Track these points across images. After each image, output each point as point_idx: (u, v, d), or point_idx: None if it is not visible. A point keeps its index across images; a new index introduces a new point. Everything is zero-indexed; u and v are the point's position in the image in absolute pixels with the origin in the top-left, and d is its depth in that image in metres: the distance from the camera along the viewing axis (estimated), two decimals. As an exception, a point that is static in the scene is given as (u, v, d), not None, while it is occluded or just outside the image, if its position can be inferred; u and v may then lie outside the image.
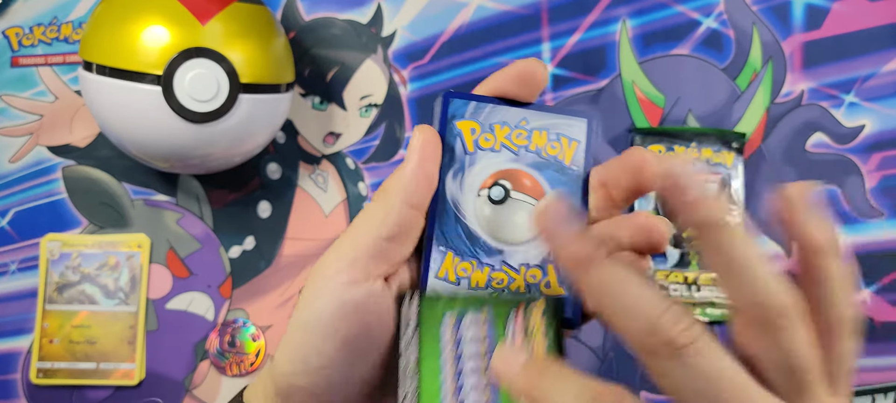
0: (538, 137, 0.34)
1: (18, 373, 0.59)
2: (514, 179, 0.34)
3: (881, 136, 0.60)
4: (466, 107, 0.34)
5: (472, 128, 0.34)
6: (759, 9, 0.61)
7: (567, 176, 0.34)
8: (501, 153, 0.34)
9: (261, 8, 0.53)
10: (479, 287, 0.34)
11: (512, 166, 0.34)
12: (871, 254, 0.60)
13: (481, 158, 0.34)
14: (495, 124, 0.34)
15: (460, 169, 0.34)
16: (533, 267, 0.34)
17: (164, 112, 0.49)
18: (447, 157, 0.34)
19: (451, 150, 0.34)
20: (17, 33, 0.60)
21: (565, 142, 0.34)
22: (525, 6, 0.61)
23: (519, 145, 0.34)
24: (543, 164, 0.34)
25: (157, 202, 0.60)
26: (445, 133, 0.34)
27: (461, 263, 0.34)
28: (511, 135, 0.34)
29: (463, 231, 0.34)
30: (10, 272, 0.59)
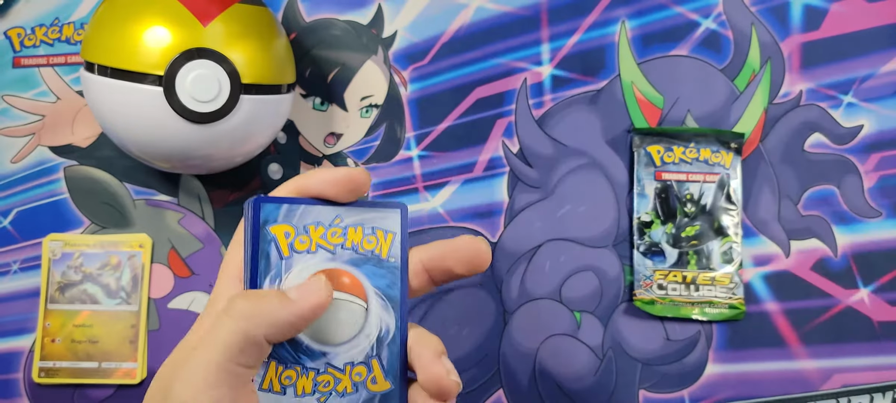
0: (354, 233, 0.33)
1: (20, 372, 0.59)
2: (334, 278, 0.33)
3: (879, 137, 0.61)
4: (278, 210, 0.33)
5: (285, 231, 0.33)
6: (757, 9, 0.61)
7: (386, 268, 0.34)
8: (318, 253, 0.33)
9: (262, 9, 0.53)
10: (305, 393, 0.33)
11: (329, 266, 0.33)
12: (869, 254, 0.60)
13: (298, 261, 0.33)
14: (310, 225, 0.33)
15: (277, 274, 0.33)
16: (358, 364, 0.33)
17: (166, 112, 0.49)
18: (263, 264, 0.32)
19: (266, 256, 0.33)
20: (19, 34, 0.60)
21: (381, 234, 0.34)
22: (525, 7, 0.61)
23: (335, 243, 0.33)
24: (361, 260, 0.34)
25: (158, 202, 0.60)
26: (259, 239, 0.32)
27: (285, 371, 0.33)
28: (326, 235, 0.33)
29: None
30: (12, 272, 0.59)
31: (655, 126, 0.61)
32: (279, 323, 0.31)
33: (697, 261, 0.59)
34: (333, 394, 0.33)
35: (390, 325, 0.34)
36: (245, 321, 0.31)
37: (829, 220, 0.60)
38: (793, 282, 0.60)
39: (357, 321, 0.34)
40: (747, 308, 0.60)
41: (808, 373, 0.59)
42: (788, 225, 0.60)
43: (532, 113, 0.61)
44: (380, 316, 0.34)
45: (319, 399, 0.33)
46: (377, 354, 0.34)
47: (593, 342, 0.60)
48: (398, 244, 0.34)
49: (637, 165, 0.60)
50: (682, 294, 0.59)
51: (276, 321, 0.31)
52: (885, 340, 0.59)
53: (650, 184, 0.60)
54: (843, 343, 0.59)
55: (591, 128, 0.61)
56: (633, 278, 0.60)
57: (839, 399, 0.59)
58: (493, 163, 0.61)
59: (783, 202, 0.60)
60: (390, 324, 0.34)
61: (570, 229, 0.60)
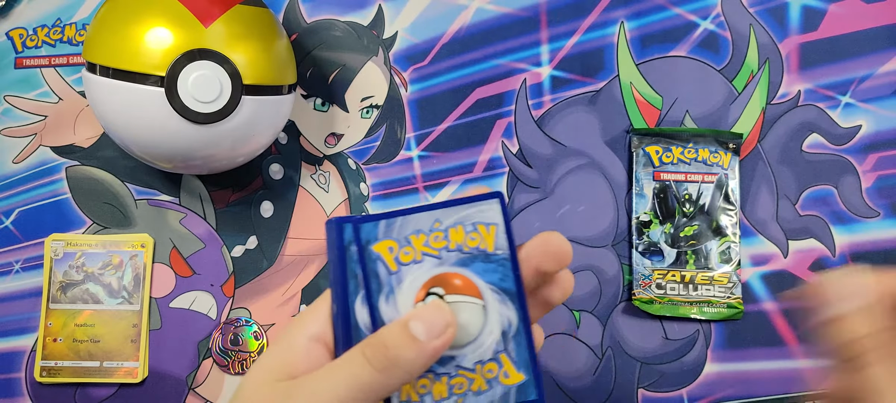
0: (456, 234, 0.33)
1: (22, 372, 0.59)
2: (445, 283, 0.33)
3: (877, 137, 0.61)
4: (377, 228, 0.32)
5: (389, 247, 0.33)
6: (755, 11, 0.61)
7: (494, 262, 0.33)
8: (424, 262, 0.33)
9: (263, 10, 0.54)
10: (442, 398, 0.33)
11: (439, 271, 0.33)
12: (867, 254, 0.60)
13: (407, 274, 0.33)
14: (411, 235, 0.33)
15: (390, 291, 0.32)
16: (487, 361, 0.33)
17: (168, 113, 0.49)
18: (374, 284, 0.32)
19: (375, 276, 0.32)
20: (22, 35, 0.60)
21: (483, 229, 0.33)
22: (524, 8, 0.61)
23: (439, 248, 0.33)
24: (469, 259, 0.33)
25: (160, 202, 0.60)
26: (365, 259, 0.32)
27: (419, 380, 0.33)
28: (429, 241, 0.33)
29: None
30: (15, 271, 0.60)
31: (654, 126, 0.61)
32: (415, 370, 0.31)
33: (696, 261, 0.60)
34: (469, 394, 0.33)
35: (512, 317, 0.33)
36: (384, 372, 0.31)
37: (827, 220, 0.60)
38: (791, 282, 0.60)
39: (478, 320, 0.33)
40: (745, 307, 0.60)
41: (806, 373, 0.60)
42: (786, 225, 0.60)
43: (531, 113, 0.61)
44: (499, 310, 0.33)
45: (457, 402, 0.33)
46: (504, 348, 0.33)
47: (592, 341, 0.60)
48: (503, 234, 0.33)
49: (636, 165, 0.60)
50: (681, 293, 0.59)
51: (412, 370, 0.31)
52: (883, 339, 0.60)
53: (649, 184, 0.60)
54: (840, 343, 0.59)
55: (590, 129, 0.61)
56: (632, 278, 0.60)
57: (837, 398, 0.59)
58: (493, 164, 0.61)
59: (781, 202, 0.61)
60: (511, 317, 0.33)
61: (570, 229, 0.60)
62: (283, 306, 0.60)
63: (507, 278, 0.33)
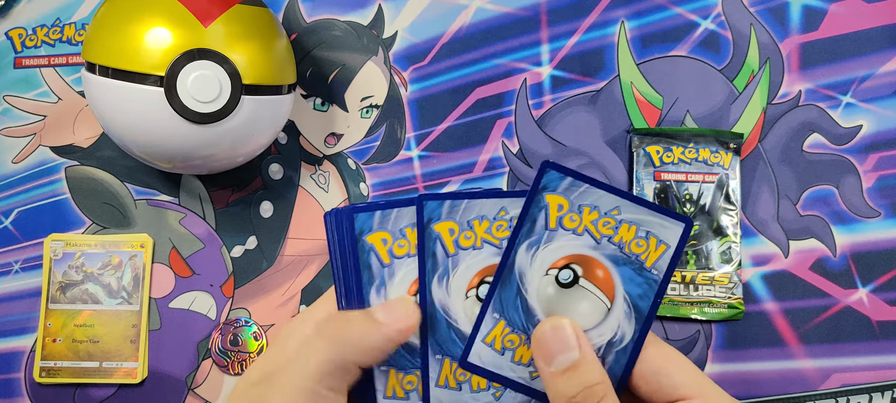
0: (626, 231, 0.32)
1: (22, 372, 0.59)
2: (588, 266, 0.32)
3: (878, 137, 0.61)
4: (561, 181, 0.32)
5: (559, 203, 0.32)
6: (756, 10, 0.61)
7: (644, 277, 0.32)
8: (583, 236, 0.32)
9: (263, 10, 0.54)
10: (521, 362, 0.33)
11: (590, 253, 0.32)
12: (867, 254, 0.60)
13: (560, 237, 0.32)
14: (585, 206, 0.32)
15: (537, 242, 0.32)
16: None
17: (167, 113, 0.49)
18: (527, 227, 0.32)
19: (532, 221, 0.32)
20: (21, 34, 0.60)
21: (654, 242, 0.32)
22: (524, 8, 0.61)
23: (603, 233, 0.32)
24: (623, 260, 0.32)
25: (159, 202, 0.60)
26: (531, 202, 0.32)
27: (510, 334, 0.33)
28: (598, 222, 0.32)
29: (521, 303, 0.33)
30: (14, 271, 0.60)
31: (654, 126, 0.61)
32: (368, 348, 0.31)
33: (696, 261, 0.59)
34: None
35: (627, 333, 0.33)
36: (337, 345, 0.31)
37: (828, 220, 0.60)
38: (792, 282, 0.60)
39: (596, 316, 0.33)
40: (746, 307, 0.60)
41: (806, 373, 0.59)
42: (787, 225, 0.60)
43: (532, 113, 0.61)
44: (620, 321, 0.33)
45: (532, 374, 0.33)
46: (603, 356, 0.33)
47: (593, 341, 0.60)
48: (667, 259, 0.32)
49: (636, 165, 0.60)
50: (682, 293, 0.59)
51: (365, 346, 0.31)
52: (884, 340, 0.59)
53: (649, 185, 0.60)
54: (841, 343, 0.59)
55: (590, 129, 0.61)
56: (633, 278, 0.60)
57: (838, 399, 0.59)
58: (493, 164, 0.61)
59: (782, 202, 0.61)
60: (627, 333, 0.33)
61: (570, 229, 0.60)
62: (283, 306, 0.60)
63: (646, 299, 0.33)
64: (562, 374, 0.31)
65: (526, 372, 0.33)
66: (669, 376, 0.33)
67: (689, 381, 0.33)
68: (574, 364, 0.31)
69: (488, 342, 0.33)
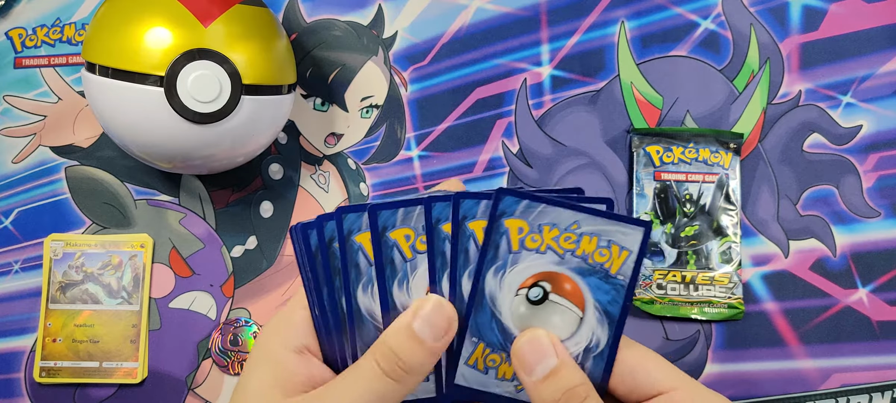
0: (587, 243, 0.33)
1: (22, 372, 0.59)
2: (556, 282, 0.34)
3: (878, 137, 0.61)
4: (517, 205, 0.33)
5: (519, 227, 0.33)
6: (756, 10, 0.61)
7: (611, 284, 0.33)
8: (546, 255, 0.33)
9: (263, 10, 0.54)
10: (505, 378, 0.34)
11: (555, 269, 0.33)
12: (867, 254, 0.60)
13: (525, 258, 0.33)
14: (544, 225, 0.33)
15: (502, 266, 0.33)
16: None
17: (167, 113, 0.49)
18: (491, 254, 0.33)
19: (495, 247, 0.33)
20: (21, 34, 0.60)
21: (615, 250, 0.33)
22: (524, 8, 0.61)
23: (566, 248, 0.33)
24: (588, 271, 0.33)
25: (159, 202, 0.60)
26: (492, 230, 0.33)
27: (491, 354, 0.34)
28: (559, 238, 0.33)
29: (497, 325, 0.34)
30: (14, 271, 0.60)
31: (654, 126, 0.61)
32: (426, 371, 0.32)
33: (696, 261, 0.59)
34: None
35: (602, 339, 0.34)
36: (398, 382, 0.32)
37: (828, 220, 0.60)
38: (792, 282, 0.60)
39: (569, 327, 0.34)
40: (746, 307, 0.60)
41: (806, 373, 0.59)
42: (787, 225, 0.60)
43: (532, 113, 0.61)
44: (593, 328, 0.34)
45: (517, 387, 0.34)
46: (582, 363, 0.34)
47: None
48: (631, 264, 0.33)
49: (636, 165, 0.60)
50: (682, 293, 0.59)
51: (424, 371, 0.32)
52: (884, 340, 0.59)
53: (649, 184, 0.60)
54: (841, 343, 0.59)
55: (590, 129, 0.61)
56: (633, 278, 0.60)
57: (838, 399, 0.59)
58: (493, 164, 0.61)
59: (782, 202, 0.61)
60: (602, 338, 0.34)
61: (570, 229, 0.60)
62: (283, 306, 0.60)
63: (616, 304, 0.34)
64: (543, 382, 0.32)
65: (511, 387, 0.34)
66: (647, 372, 0.34)
67: (665, 376, 0.34)
68: (553, 370, 0.33)
69: (471, 364, 0.34)
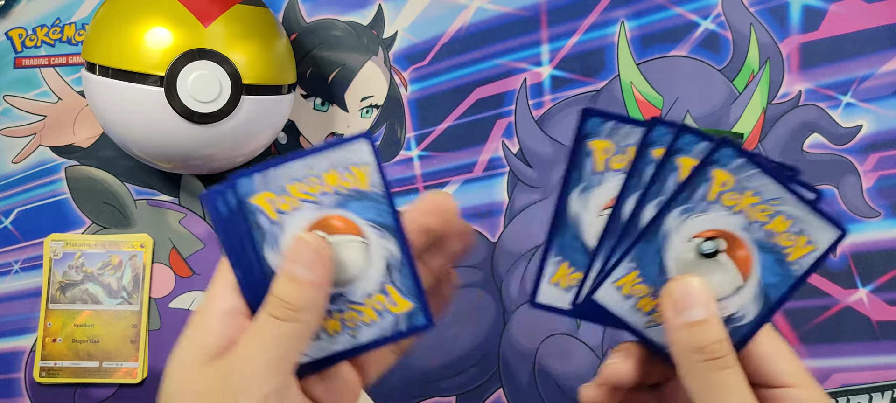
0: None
1: (22, 372, 0.59)
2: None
3: (878, 137, 0.61)
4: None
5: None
6: (756, 10, 0.61)
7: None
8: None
9: (263, 10, 0.54)
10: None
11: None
12: (868, 254, 0.60)
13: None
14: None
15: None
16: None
17: (167, 113, 0.49)
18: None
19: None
20: (21, 34, 0.60)
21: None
22: (524, 8, 0.61)
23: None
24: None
25: (159, 202, 0.60)
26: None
27: (574, 273, 0.35)
28: (757, 206, 0.33)
29: (660, 260, 0.35)
30: (14, 271, 0.60)
31: (655, 126, 0.61)
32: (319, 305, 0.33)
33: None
34: (361, 326, 0.35)
35: (393, 250, 0.34)
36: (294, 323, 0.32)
37: (828, 220, 0.60)
38: (792, 282, 0.60)
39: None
40: (746, 307, 0.60)
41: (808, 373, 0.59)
42: (787, 225, 0.60)
43: (532, 113, 0.61)
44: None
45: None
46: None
47: (593, 341, 0.60)
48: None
49: (636, 165, 0.60)
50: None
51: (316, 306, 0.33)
52: (884, 340, 0.59)
53: (649, 185, 0.60)
54: (841, 343, 0.59)
55: (590, 129, 0.61)
56: (633, 278, 0.60)
57: (838, 399, 0.59)
58: (493, 164, 0.61)
59: (782, 202, 0.60)
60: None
61: (570, 229, 0.60)
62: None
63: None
64: (688, 327, 0.33)
65: (643, 320, 0.35)
66: (776, 362, 0.35)
67: (793, 371, 0.34)
68: (701, 320, 0.33)
69: (554, 282, 0.35)
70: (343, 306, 0.35)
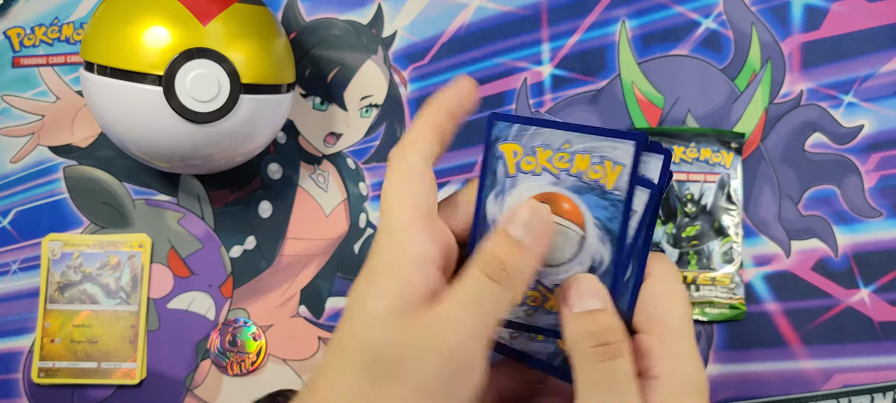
0: (581, 160, 0.33)
1: (20, 373, 0.59)
2: (554, 202, 0.34)
3: (879, 136, 0.61)
4: (510, 129, 0.34)
5: (514, 150, 0.34)
6: (758, 9, 0.61)
7: (608, 200, 0.33)
8: (542, 176, 0.34)
9: (262, 9, 0.53)
10: (513, 304, 0.34)
11: (552, 189, 0.34)
12: (869, 254, 0.60)
13: (522, 181, 0.34)
14: (538, 147, 0.34)
15: (501, 191, 0.34)
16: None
17: (166, 112, 0.49)
18: (489, 180, 0.34)
19: (493, 173, 0.34)
20: (19, 34, 0.60)
21: (609, 165, 0.33)
22: (525, 7, 0.61)
23: (560, 168, 0.34)
24: (585, 188, 0.34)
25: (158, 202, 0.60)
26: (488, 155, 0.34)
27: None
28: (553, 159, 0.34)
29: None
30: (12, 272, 0.59)
31: (656, 126, 0.61)
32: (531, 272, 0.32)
33: (698, 261, 0.59)
34: (541, 310, 0.35)
35: (605, 257, 0.34)
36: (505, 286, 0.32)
37: (830, 220, 0.60)
38: (793, 282, 0.60)
39: (571, 247, 0.34)
40: (748, 308, 0.59)
41: (808, 373, 0.59)
42: (789, 226, 0.60)
43: (532, 112, 0.61)
44: (596, 246, 0.34)
45: (527, 312, 0.35)
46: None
47: (593, 342, 0.60)
48: (626, 177, 0.33)
49: (637, 165, 0.60)
50: (683, 294, 0.59)
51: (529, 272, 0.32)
52: (886, 340, 0.59)
53: (650, 184, 0.60)
54: (843, 344, 0.59)
55: (591, 128, 0.61)
56: (634, 278, 0.60)
57: (840, 400, 0.59)
58: (493, 163, 0.61)
59: (784, 202, 0.60)
60: (605, 256, 0.34)
61: (571, 229, 0.60)
62: (282, 307, 0.60)
63: (615, 220, 0.34)
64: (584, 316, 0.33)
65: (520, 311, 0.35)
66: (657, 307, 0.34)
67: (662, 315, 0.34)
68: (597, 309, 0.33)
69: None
70: (533, 283, 0.34)
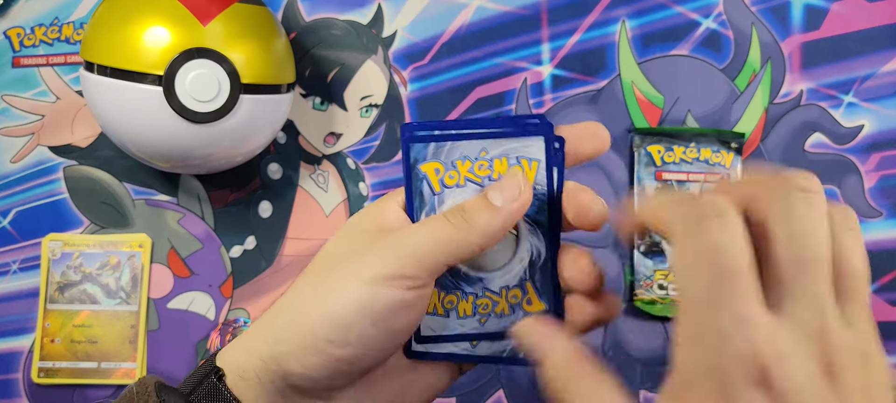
0: (499, 165, 0.34)
1: (20, 373, 0.59)
2: None
3: (879, 136, 0.60)
4: (426, 149, 0.34)
5: (435, 168, 0.34)
6: (758, 9, 0.61)
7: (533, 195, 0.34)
8: (466, 187, 0.34)
9: (262, 8, 0.53)
10: (466, 315, 0.35)
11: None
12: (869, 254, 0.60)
13: (449, 196, 0.34)
14: (457, 160, 0.34)
15: (431, 209, 0.35)
16: (513, 287, 0.35)
17: (166, 112, 0.49)
18: (417, 201, 0.34)
19: (419, 194, 0.34)
20: (19, 34, 0.60)
21: (526, 163, 0.34)
22: (525, 7, 0.61)
23: (482, 176, 0.34)
24: None
25: (158, 202, 0.60)
26: (411, 178, 0.34)
27: (447, 296, 0.35)
28: (473, 168, 0.34)
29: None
30: (12, 272, 0.59)
31: (656, 126, 0.61)
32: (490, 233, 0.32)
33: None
34: (492, 316, 0.35)
35: (541, 249, 0.35)
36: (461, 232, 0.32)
37: (830, 220, 0.60)
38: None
39: (508, 248, 0.35)
40: (748, 308, 0.59)
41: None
42: (789, 225, 0.60)
43: (532, 112, 0.61)
44: (530, 241, 0.35)
45: (480, 321, 0.35)
46: (530, 277, 0.35)
47: (593, 342, 0.60)
48: (543, 171, 0.34)
49: (637, 165, 0.60)
50: (683, 294, 0.59)
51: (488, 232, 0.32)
52: (886, 341, 0.59)
53: (651, 184, 0.60)
54: (843, 344, 0.59)
55: (591, 128, 0.61)
56: (634, 278, 0.60)
57: (840, 400, 0.59)
58: (493, 163, 0.61)
59: (783, 202, 0.60)
60: (541, 248, 0.35)
61: (571, 229, 0.60)
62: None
63: (542, 211, 0.35)
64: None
65: (474, 322, 0.35)
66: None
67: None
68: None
69: (432, 312, 0.35)
70: (480, 292, 0.35)
